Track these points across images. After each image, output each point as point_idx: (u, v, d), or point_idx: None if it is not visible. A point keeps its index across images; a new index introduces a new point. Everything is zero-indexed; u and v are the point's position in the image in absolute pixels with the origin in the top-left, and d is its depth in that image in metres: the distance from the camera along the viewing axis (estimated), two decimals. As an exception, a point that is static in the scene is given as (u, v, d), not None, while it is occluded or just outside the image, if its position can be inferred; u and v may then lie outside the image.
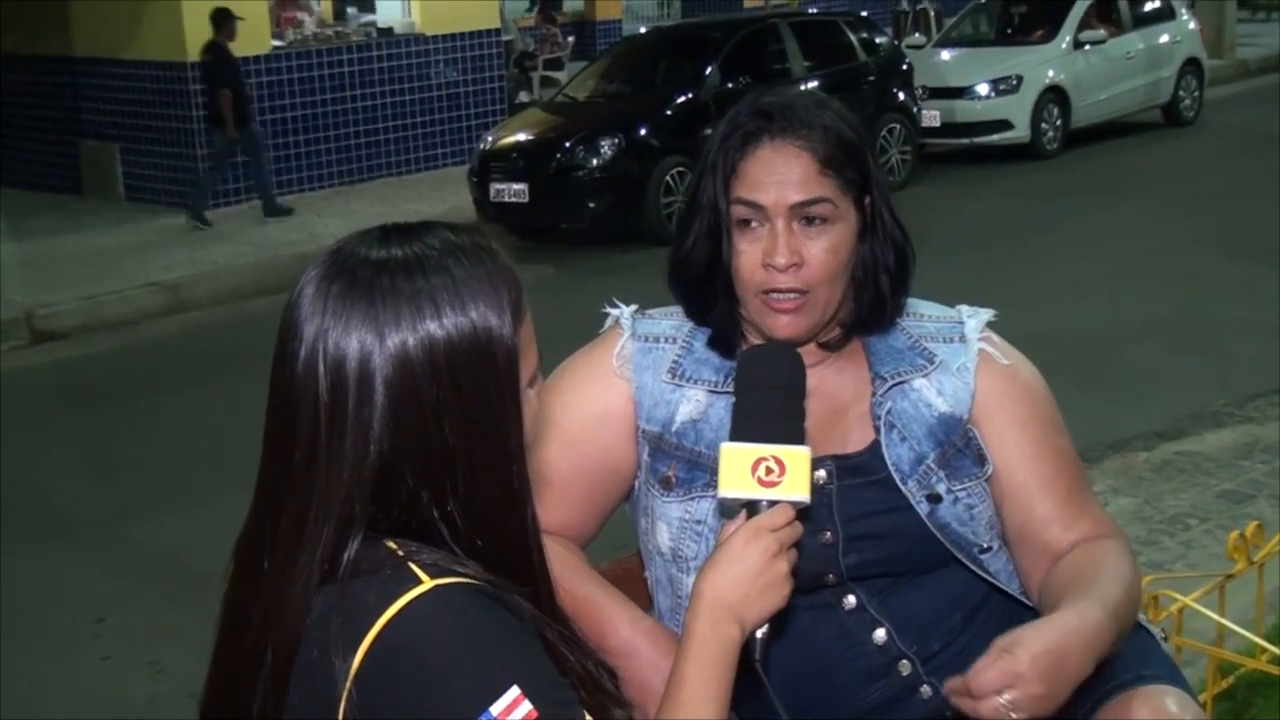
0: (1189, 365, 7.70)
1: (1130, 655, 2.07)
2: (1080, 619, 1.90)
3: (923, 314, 2.26)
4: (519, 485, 1.58)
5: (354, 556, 1.51)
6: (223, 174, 13.25)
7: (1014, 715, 1.80)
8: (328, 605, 1.49)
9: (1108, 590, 2.00)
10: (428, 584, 1.48)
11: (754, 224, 2.09)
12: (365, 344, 1.52)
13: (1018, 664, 1.81)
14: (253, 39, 13.65)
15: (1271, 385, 6.93)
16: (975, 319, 2.26)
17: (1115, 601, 1.99)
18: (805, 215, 2.07)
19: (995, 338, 2.25)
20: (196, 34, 13.19)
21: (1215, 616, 3.53)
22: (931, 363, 2.19)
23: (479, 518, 1.55)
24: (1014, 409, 2.20)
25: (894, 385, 2.17)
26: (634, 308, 2.31)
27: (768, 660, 1.71)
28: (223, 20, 12.56)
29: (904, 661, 2.12)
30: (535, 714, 1.44)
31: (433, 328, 1.52)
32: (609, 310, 2.32)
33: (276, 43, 14.11)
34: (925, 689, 2.13)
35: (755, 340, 2.16)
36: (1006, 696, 1.80)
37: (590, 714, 1.51)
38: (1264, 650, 3.51)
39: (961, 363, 2.20)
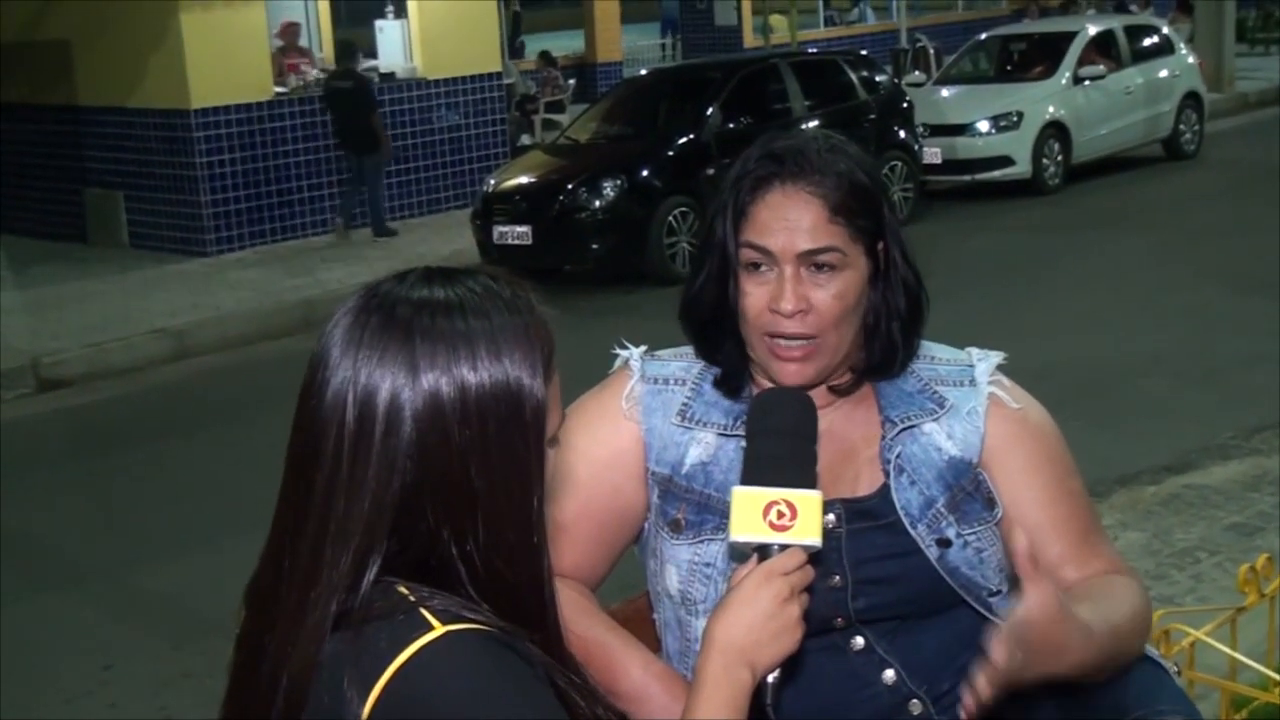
0: (1195, 398, 7.70)
1: (1144, 690, 2.06)
2: (1085, 626, 1.89)
3: (933, 356, 2.25)
4: (537, 537, 1.58)
5: (367, 597, 1.50)
6: (381, 188, 14.06)
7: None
8: (340, 649, 1.49)
9: (1113, 613, 2.00)
10: (439, 630, 1.47)
11: (763, 268, 2.09)
12: (398, 378, 1.52)
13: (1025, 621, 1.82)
14: (255, 85, 13.73)
15: (1277, 417, 6.91)
16: (985, 362, 2.25)
17: (1118, 624, 2.00)
18: (814, 263, 2.07)
19: (1006, 381, 2.24)
20: (201, 82, 13.28)
21: (1227, 650, 3.52)
22: (942, 407, 2.19)
23: (496, 563, 1.54)
24: (1025, 453, 2.19)
25: (904, 429, 2.17)
26: (643, 349, 2.31)
27: (779, 704, 1.70)
28: (350, 50, 14.03)
29: (914, 701, 2.11)
30: (546, 763, 1.44)
31: (467, 373, 1.53)
32: (618, 351, 2.32)
33: (279, 89, 14.16)
34: (937, 728, 2.12)
35: (764, 381, 2.16)
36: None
37: (600, 761, 1.51)
38: (1277, 684, 3.49)
39: (972, 406, 2.20)
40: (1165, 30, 17.22)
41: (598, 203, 11.94)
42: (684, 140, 12.55)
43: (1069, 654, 1.87)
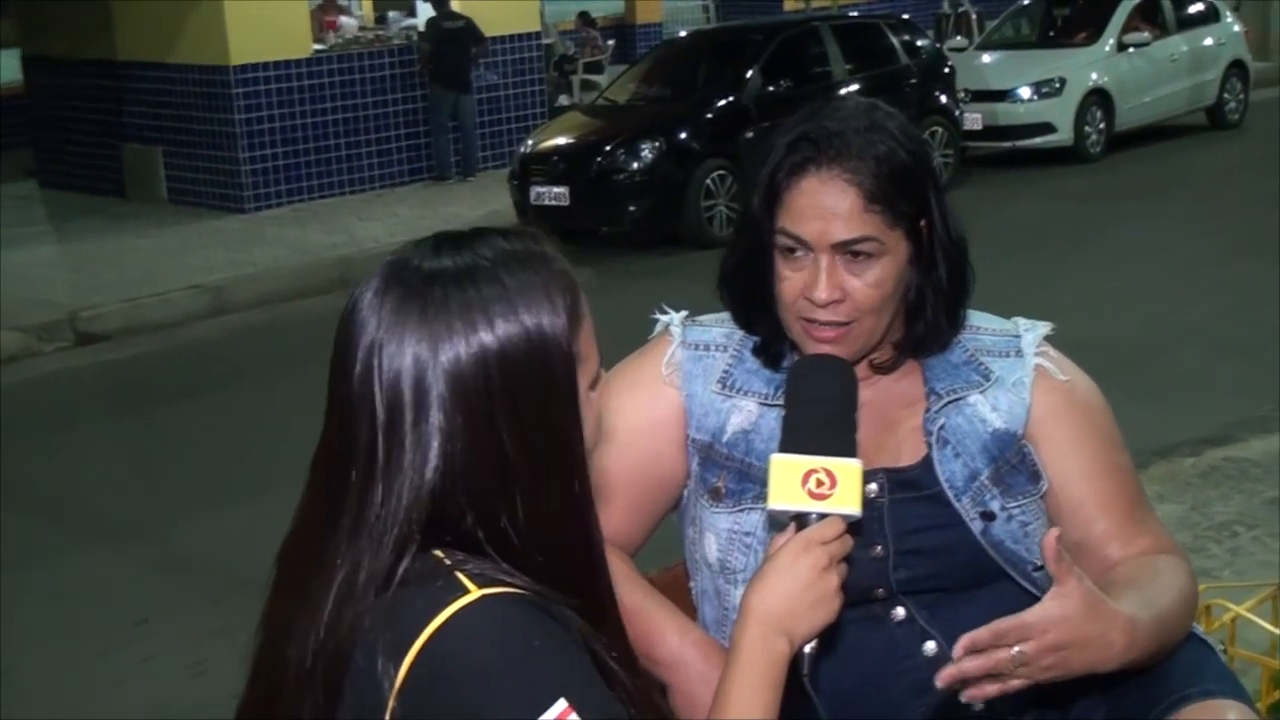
0: (1236, 370, 7.63)
1: (1190, 668, 2.04)
2: (1130, 620, 1.88)
3: (979, 326, 2.22)
4: (581, 492, 1.56)
5: (403, 567, 1.49)
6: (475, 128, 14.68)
7: (1017, 672, 1.79)
8: (377, 614, 1.48)
9: (1159, 598, 1.98)
10: (475, 593, 1.46)
11: (798, 253, 2.05)
12: (420, 358, 1.50)
13: (1047, 619, 1.80)
14: (294, 42, 13.73)
15: (1319, 391, 6.85)
16: (1032, 333, 2.21)
17: (1164, 610, 1.97)
18: (849, 251, 2.03)
19: (1053, 352, 2.21)
20: (240, 39, 13.28)
21: (1269, 626, 3.49)
22: (987, 379, 2.16)
23: (540, 530, 1.53)
24: (1071, 426, 2.16)
25: (949, 402, 2.14)
26: (684, 314, 2.28)
27: (816, 675, 1.69)
28: None
29: (954, 674, 2.09)
30: (582, 727, 1.42)
31: (485, 338, 1.50)
32: (658, 316, 2.30)
33: (317, 46, 14.16)
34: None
35: (803, 352, 2.13)
36: (1018, 649, 1.79)
37: (637, 729, 1.50)
38: (1316, 662, 3.46)
39: (1018, 378, 2.16)
40: (1211, -3, 17.04)
41: (635, 164, 11.89)
42: (723, 103, 12.48)
43: (1112, 648, 1.85)
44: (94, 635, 5.48)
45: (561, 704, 1.43)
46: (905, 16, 15.45)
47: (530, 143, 12.67)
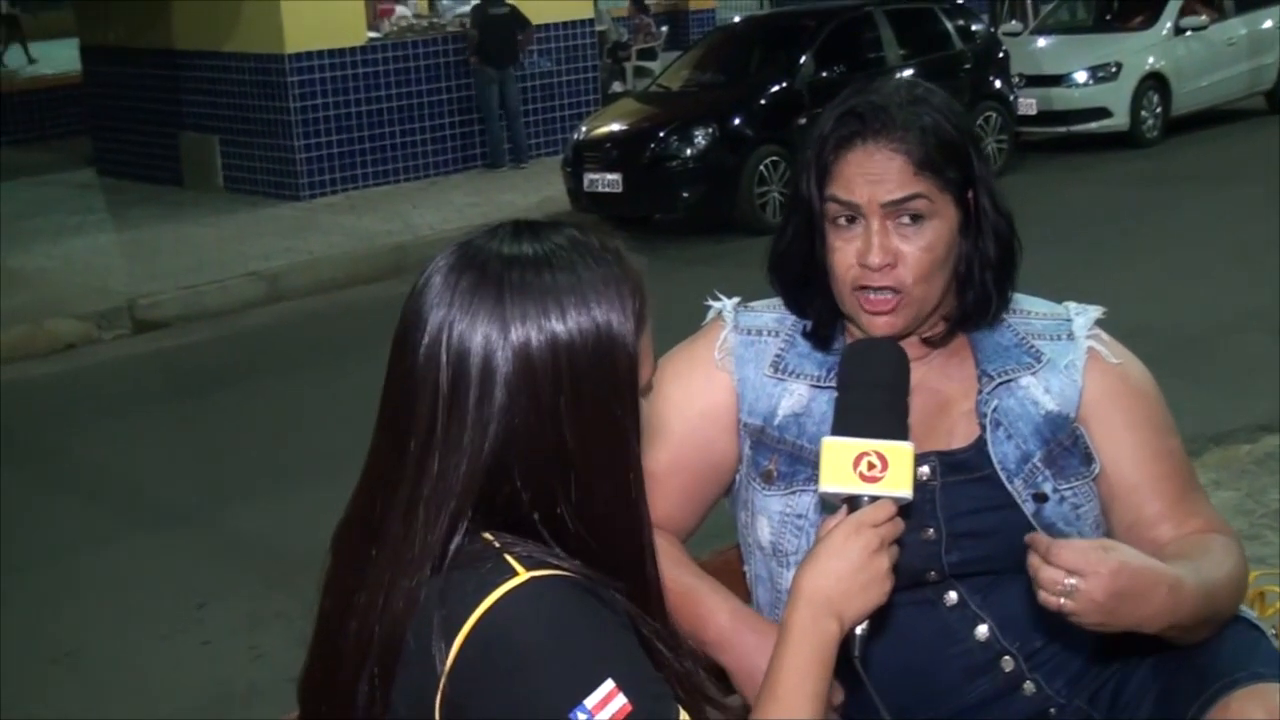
0: (1292, 357, 7.55)
1: (1242, 652, 2.03)
2: (1177, 579, 1.89)
3: (1030, 310, 2.23)
4: (634, 491, 1.58)
5: (455, 548, 1.51)
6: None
7: (1064, 601, 1.80)
8: (429, 597, 1.50)
9: (1209, 571, 1.98)
10: (523, 575, 1.48)
11: (848, 222, 2.07)
12: (490, 338, 1.52)
13: (1106, 563, 1.81)
14: (348, 30, 13.79)
15: (1378, 377, 6.78)
16: (1084, 316, 2.22)
17: (1213, 582, 1.97)
18: (901, 212, 2.04)
19: (1104, 335, 2.21)
20: (295, 27, 13.35)
21: (1322, 613, 3.46)
22: (1039, 360, 2.16)
23: (592, 520, 1.55)
24: (1124, 409, 2.16)
25: (1001, 384, 2.15)
26: (736, 300, 2.30)
27: (867, 657, 1.69)
28: None
29: (1006, 658, 2.10)
30: (630, 708, 1.44)
31: (557, 326, 1.52)
32: (711, 303, 2.31)
33: (372, 34, 14.21)
34: (1029, 685, 2.11)
35: (856, 333, 2.14)
36: (1071, 581, 1.80)
37: (685, 712, 1.50)
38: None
39: (1070, 360, 2.17)
40: (1271, -21, 16.84)
41: (689, 151, 11.89)
42: (776, 89, 12.45)
43: (1152, 604, 1.85)
44: (154, 620, 5.54)
45: (609, 684, 1.44)
46: (960, 1, 15.36)
47: (584, 129, 12.68)
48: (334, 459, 2.72)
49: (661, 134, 11.98)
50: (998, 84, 13.86)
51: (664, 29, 21.23)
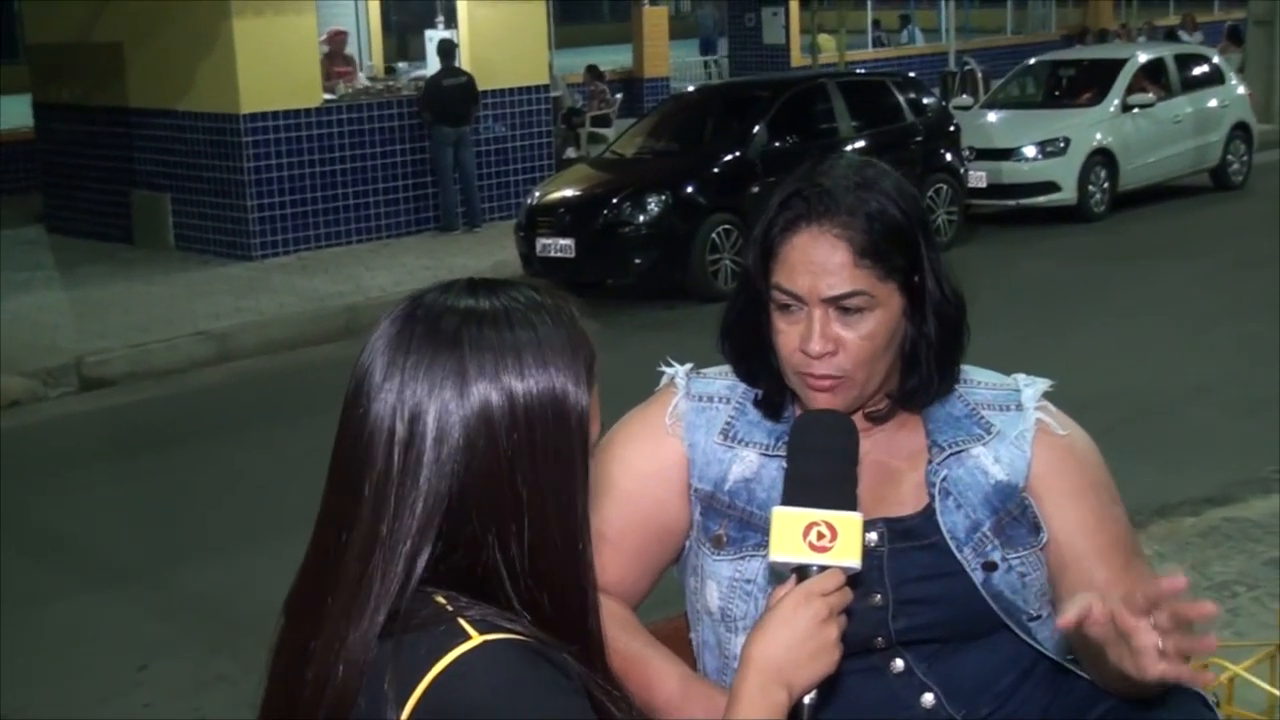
0: (1238, 430, 7.64)
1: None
2: None
3: (980, 381, 2.26)
4: (582, 543, 1.59)
5: (407, 609, 1.51)
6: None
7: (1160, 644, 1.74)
8: (381, 658, 1.50)
9: None
10: (476, 639, 1.48)
11: (792, 308, 2.09)
12: (447, 387, 1.54)
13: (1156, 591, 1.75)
14: (304, 92, 13.81)
15: (1321, 452, 6.86)
16: (1032, 388, 2.25)
17: None
18: (841, 306, 2.06)
19: (1051, 407, 2.25)
20: (251, 88, 13.36)
21: (1267, 687, 3.49)
22: (989, 432, 2.19)
23: (540, 571, 1.56)
24: (1071, 479, 2.19)
25: (952, 454, 2.17)
26: (689, 367, 2.32)
27: (816, 725, 1.70)
28: (450, 49, 14.78)
29: (952, 726, 2.11)
30: (581, 772, 1.44)
31: (515, 382, 1.54)
32: (664, 369, 2.33)
33: (327, 96, 14.24)
34: (974, 754, 2.11)
35: (805, 404, 2.16)
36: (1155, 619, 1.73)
37: (635, 774, 1.51)
38: (1314, 722, 3.46)
39: (1019, 431, 2.20)
40: (1215, 60, 17.11)
41: (641, 217, 11.94)
42: (730, 157, 12.55)
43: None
44: (95, 681, 5.48)
45: None
46: (911, 74, 15.54)
47: (537, 194, 12.73)
48: (281, 520, 2.71)
49: (615, 200, 12.04)
50: (949, 157, 14.00)
51: (618, 96, 21.36)
